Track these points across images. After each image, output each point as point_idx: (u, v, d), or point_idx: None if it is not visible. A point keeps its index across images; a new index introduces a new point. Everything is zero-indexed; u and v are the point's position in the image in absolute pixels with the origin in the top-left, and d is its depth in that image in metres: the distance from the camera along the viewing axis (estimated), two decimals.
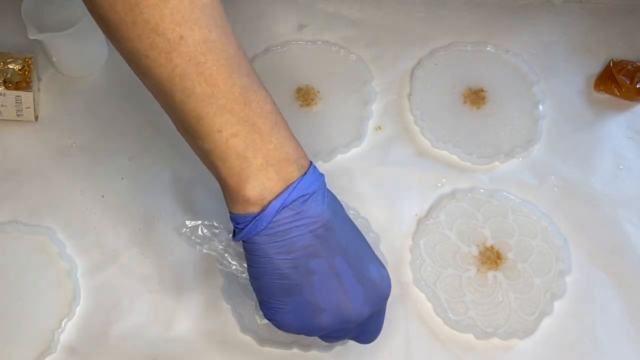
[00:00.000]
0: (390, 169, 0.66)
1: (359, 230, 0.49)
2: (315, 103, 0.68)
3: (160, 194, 0.64)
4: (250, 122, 0.43)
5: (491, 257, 0.61)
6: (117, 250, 0.61)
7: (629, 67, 0.70)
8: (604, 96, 0.71)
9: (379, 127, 0.68)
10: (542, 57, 0.73)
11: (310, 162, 0.46)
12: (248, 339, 0.57)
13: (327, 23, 0.74)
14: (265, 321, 0.48)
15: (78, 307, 0.58)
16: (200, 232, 0.51)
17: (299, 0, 0.76)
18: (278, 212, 0.43)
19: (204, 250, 0.51)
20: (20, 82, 0.65)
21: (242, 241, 0.45)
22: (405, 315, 0.59)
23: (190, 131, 0.44)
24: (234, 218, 0.45)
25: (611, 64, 0.71)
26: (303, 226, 0.44)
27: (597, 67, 0.72)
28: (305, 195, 0.44)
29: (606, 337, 0.58)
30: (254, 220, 0.43)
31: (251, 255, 0.45)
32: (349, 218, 0.48)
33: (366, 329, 0.50)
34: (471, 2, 0.76)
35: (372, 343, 0.57)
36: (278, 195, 0.43)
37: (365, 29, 0.74)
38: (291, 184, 0.44)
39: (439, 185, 0.65)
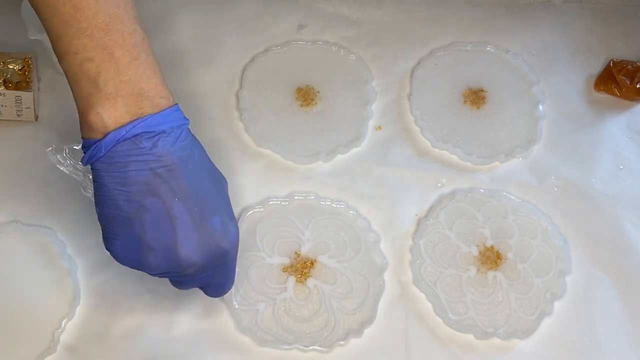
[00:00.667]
0: (390, 169, 0.66)
1: (220, 184, 0.50)
2: (315, 103, 0.68)
3: None
4: (108, 51, 0.44)
5: (491, 257, 0.61)
6: None
7: (629, 67, 0.70)
8: (604, 96, 0.71)
9: (379, 127, 0.68)
10: (542, 57, 0.73)
11: (176, 104, 0.47)
12: (247, 339, 0.57)
13: (327, 23, 0.74)
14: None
15: (78, 307, 0.58)
16: (64, 154, 0.53)
17: (299, 0, 0.76)
18: (118, 142, 0.44)
19: (67, 172, 0.52)
20: (20, 82, 0.65)
21: (90, 167, 0.47)
22: (405, 315, 0.59)
23: (53, 49, 0.45)
24: (83, 142, 0.47)
25: (611, 64, 0.71)
26: (143, 162, 0.45)
27: (597, 67, 0.72)
28: (152, 132, 0.45)
29: (606, 337, 0.58)
30: (94, 146, 0.45)
31: (94, 182, 0.47)
32: (214, 169, 0.50)
33: (211, 281, 0.51)
34: (471, 2, 0.76)
35: (372, 343, 0.57)
36: (121, 126, 0.44)
37: (365, 29, 0.74)
38: (138, 119, 0.44)
39: (439, 185, 0.65)
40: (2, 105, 0.65)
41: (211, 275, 0.50)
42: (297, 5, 0.76)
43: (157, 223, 0.46)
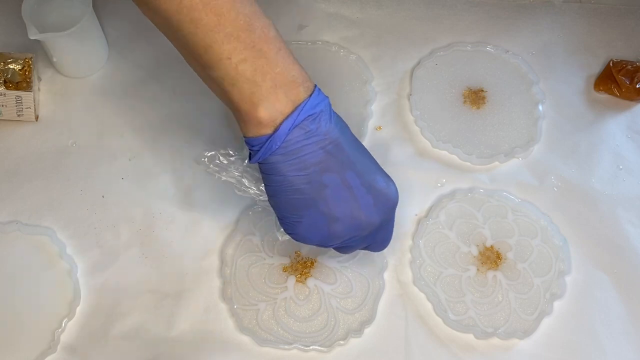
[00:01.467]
0: (390, 169, 0.65)
1: (364, 147, 0.52)
2: None
3: (160, 194, 0.64)
4: (257, 48, 0.45)
5: (491, 257, 0.61)
6: (117, 250, 0.61)
7: (629, 67, 0.70)
8: (603, 96, 0.71)
9: (379, 127, 0.68)
10: (541, 57, 0.73)
11: (315, 84, 0.48)
12: (247, 339, 0.57)
13: (327, 23, 0.74)
14: (287, 237, 0.52)
15: (78, 307, 0.58)
16: (217, 160, 0.54)
17: (299, 0, 0.76)
18: (290, 131, 0.46)
19: (223, 178, 0.54)
20: (21, 82, 0.65)
21: (258, 163, 0.48)
22: (405, 315, 0.59)
23: (201, 61, 0.46)
24: (248, 141, 0.47)
25: (611, 64, 0.71)
26: (314, 144, 0.47)
27: (596, 67, 0.72)
28: (314, 114, 0.47)
29: (606, 337, 0.58)
30: (268, 141, 0.46)
31: (268, 175, 0.48)
32: (354, 136, 0.51)
33: (377, 237, 0.53)
34: (471, 2, 0.77)
35: (372, 343, 0.57)
36: (288, 116, 0.46)
37: (365, 29, 0.74)
38: (299, 105, 0.46)
39: (439, 185, 0.65)
40: (3, 105, 0.65)
41: (379, 231, 0.52)
42: (297, 5, 0.76)
43: (337, 195, 0.48)
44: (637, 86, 0.69)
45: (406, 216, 0.63)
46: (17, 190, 0.64)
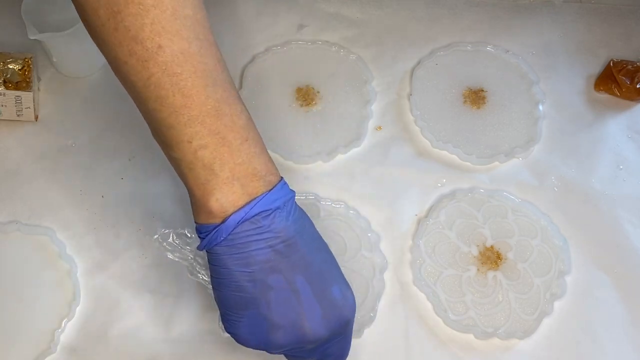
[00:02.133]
0: (390, 169, 0.66)
1: (328, 250, 0.49)
2: (315, 103, 0.68)
3: (160, 194, 0.64)
4: (221, 135, 0.43)
5: (491, 257, 0.61)
6: (117, 250, 0.61)
7: (629, 67, 0.70)
8: (604, 96, 0.71)
9: (379, 127, 0.68)
10: (542, 57, 0.73)
11: (281, 178, 0.47)
12: None
13: (327, 23, 0.74)
14: (227, 334, 0.48)
15: (78, 307, 0.58)
16: (171, 240, 0.53)
17: (299, 0, 0.76)
18: (238, 224, 0.44)
19: (175, 259, 0.53)
20: (20, 82, 0.65)
21: (206, 251, 0.46)
22: (405, 315, 0.59)
23: (162, 139, 0.45)
24: (197, 227, 0.46)
25: (611, 64, 0.71)
26: (263, 240, 0.45)
27: (597, 67, 0.72)
28: (268, 210, 0.44)
29: (606, 337, 0.58)
30: (215, 231, 0.44)
31: (212, 266, 0.46)
32: (319, 237, 0.49)
33: (329, 351, 0.49)
34: (471, 2, 0.76)
35: (372, 343, 0.57)
36: (240, 209, 0.44)
37: (365, 29, 0.74)
38: (255, 199, 0.44)
39: (439, 185, 0.65)
40: (2, 105, 0.65)
41: (330, 346, 0.48)
42: (297, 5, 0.76)
43: (282, 300, 0.45)
44: (638, 86, 0.69)
45: (406, 216, 0.63)
46: (17, 190, 0.64)
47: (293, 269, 0.45)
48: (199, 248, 0.46)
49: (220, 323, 0.49)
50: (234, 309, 0.46)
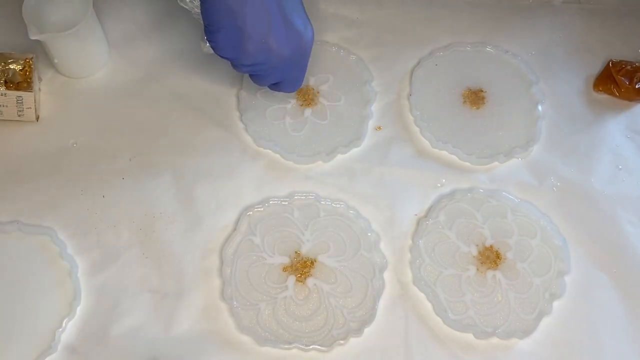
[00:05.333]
0: (390, 169, 0.66)
1: None
2: (315, 103, 0.69)
3: (160, 194, 0.64)
4: None
5: (490, 257, 0.61)
6: (118, 250, 0.61)
7: (628, 67, 0.70)
8: (603, 96, 0.71)
9: (379, 127, 0.69)
10: (541, 57, 0.73)
11: None
12: (247, 339, 0.57)
13: (327, 24, 0.74)
14: (209, 49, 0.59)
15: (79, 307, 0.58)
16: None
17: None
18: None
19: None
20: (21, 83, 0.65)
21: None
22: (405, 315, 0.59)
23: None
24: None
25: (610, 65, 0.71)
26: None
27: (596, 68, 0.72)
28: None
29: (605, 337, 0.58)
30: None
31: None
32: None
33: (289, 74, 0.61)
34: (471, 2, 0.77)
35: (372, 342, 0.57)
36: None
37: (365, 30, 0.74)
38: None
39: (439, 185, 0.65)
40: (3, 106, 0.65)
41: (289, 70, 0.60)
42: None
43: (255, 15, 0.54)
44: (637, 86, 0.69)
45: (406, 216, 0.64)
46: (18, 190, 0.64)
47: None
48: None
49: (204, 39, 0.59)
50: (216, 19, 0.55)
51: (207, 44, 0.59)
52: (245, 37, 0.55)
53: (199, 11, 0.58)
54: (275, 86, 0.63)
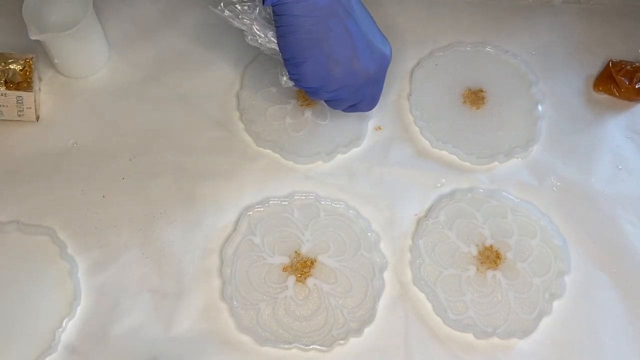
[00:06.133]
0: (390, 169, 0.66)
1: (367, 10, 0.59)
2: (315, 103, 0.69)
3: (160, 194, 0.64)
4: None
5: (490, 257, 0.61)
6: (118, 250, 0.61)
7: (628, 67, 0.70)
8: (603, 96, 0.71)
9: (379, 127, 0.69)
10: (541, 57, 0.73)
11: None
12: (248, 338, 0.57)
13: None
14: (290, 82, 0.58)
15: (79, 307, 0.58)
16: (234, 7, 0.58)
17: None
18: None
19: (235, 24, 0.58)
20: (22, 83, 0.65)
21: (272, 6, 0.54)
22: (405, 315, 0.59)
23: None
24: None
25: (610, 65, 0.71)
26: None
27: (596, 68, 0.73)
28: None
29: (605, 337, 0.58)
30: None
31: (279, 16, 0.54)
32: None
33: (367, 92, 0.60)
34: (471, 2, 0.77)
35: (372, 342, 0.57)
36: None
37: None
38: None
39: (439, 185, 0.65)
40: (4, 106, 0.65)
41: (369, 88, 0.60)
42: None
43: (339, 39, 0.55)
44: (637, 86, 0.69)
45: (406, 216, 0.64)
46: (18, 190, 0.64)
47: (346, 14, 0.55)
48: (266, 3, 0.53)
49: (283, 74, 0.58)
50: (299, 52, 0.55)
51: (286, 77, 0.58)
52: (332, 63, 0.55)
53: (272, 46, 0.58)
54: (352, 107, 0.62)
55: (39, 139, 0.66)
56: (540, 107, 0.69)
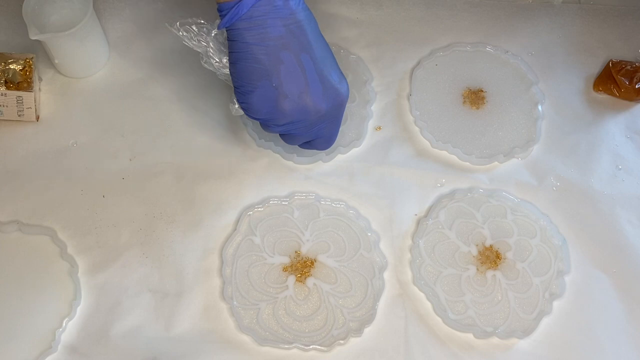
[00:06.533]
0: (390, 169, 0.66)
1: (327, 44, 0.56)
2: None
3: (160, 194, 0.64)
4: None
5: (490, 257, 0.61)
6: (118, 250, 0.61)
7: (628, 67, 0.70)
8: (603, 96, 0.71)
9: (379, 127, 0.69)
10: (541, 57, 0.73)
11: None
12: (247, 338, 0.57)
13: (327, 24, 0.74)
14: (240, 111, 0.57)
15: (79, 307, 0.58)
16: (189, 27, 0.56)
17: None
18: (257, 1, 0.51)
19: (190, 45, 0.56)
20: (22, 83, 0.65)
21: (225, 29, 0.53)
22: (405, 315, 0.59)
23: None
24: (219, 6, 0.52)
25: (610, 65, 0.71)
26: (278, 19, 0.52)
27: (596, 68, 0.73)
28: None
29: (605, 336, 0.58)
30: (235, 7, 0.51)
31: (231, 42, 0.53)
32: (320, 32, 0.56)
33: (322, 131, 0.58)
34: (471, 2, 0.77)
35: (372, 342, 0.57)
36: None
37: (365, 30, 0.74)
38: None
39: (439, 185, 0.66)
40: (4, 106, 0.65)
41: (323, 127, 0.57)
42: None
43: (290, 73, 0.53)
44: (637, 86, 0.69)
45: (406, 216, 0.64)
46: (18, 190, 0.64)
47: (301, 48, 0.53)
48: (220, 26, 0.52)
49: (233, 100, 0.57)
50: (248, 80, 0.53)
51: (237, 106, 0.57)
52: (280, 97, 0.53)
53: (226, 72, 0.57)
54: (308, 144, 0.61)
55: (39, 139, 0.66)
56: (540, 107, 0.69)
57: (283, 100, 0.53)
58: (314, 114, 0.55)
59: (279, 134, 0.60)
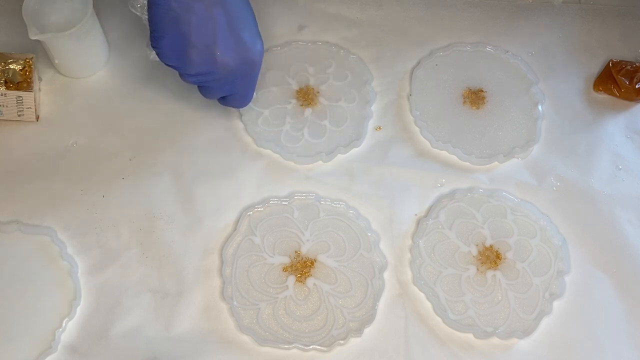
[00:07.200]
0: (390, 169, 0.66)
1: (249, 3, 0.58)
2: (315, 103, 0.69)
3: (160, 194, 0.64)
4: None
5: (490, 257, 0.61)
6: (118, 250, 0.61)
7: (628, 67, 0.70)
8: (603, 96, 0.71)
9: (379, 127, 0.69)
10: (541, 57, 0.73)
11: None
12: (247, 338, 0.57)
13: (327, 24, 0.74)
14: (155, 57, 0.58)
15: (79, 307, 0.58)
16: None
17: (299, 0, 0.76)
18: None
19: None
20: (22, 83, 0.65)
21: None
22: (405, 315, 0.59)
23: None
24: None
25: (610, 65, 0.71)
26: None
27: (596, 68, 0.73)
28: None
29: (605, 336, 0.58)
30: None
31: None
32: None
33: (237, 88, 0.60)
34: (471, 2, 0.77)
35: (372, 342, 0.57)
36: None
37: (365, 30, 0.75)
38: None
39: (439, 185, 0.65)
40: (3, 106, 0.65)
41: (237, 83, 0.59)
42: (297, 6, 0.76)
43: (200, 24, 0.54)
44: (637, 86, 0.69)
45: (406, 216, 0.64)
46: (18, 190, 0.64)
47: (214, 1, 0.54)
48: None
49: (149, 43, 0.58)
50: (161, 25, 0.54)
51: (153, 51, 0.58)
52: (189, 45, 0.55)
53: (147, 19, 0.57)
54: (224, 100, 0.63)
55: (39, 139, 0.66)
56: (540, 107, 0.69)
57: (191, 48, 0.55)
58: (222, 67, 0.56)
59: (198, 87, 0.61)
